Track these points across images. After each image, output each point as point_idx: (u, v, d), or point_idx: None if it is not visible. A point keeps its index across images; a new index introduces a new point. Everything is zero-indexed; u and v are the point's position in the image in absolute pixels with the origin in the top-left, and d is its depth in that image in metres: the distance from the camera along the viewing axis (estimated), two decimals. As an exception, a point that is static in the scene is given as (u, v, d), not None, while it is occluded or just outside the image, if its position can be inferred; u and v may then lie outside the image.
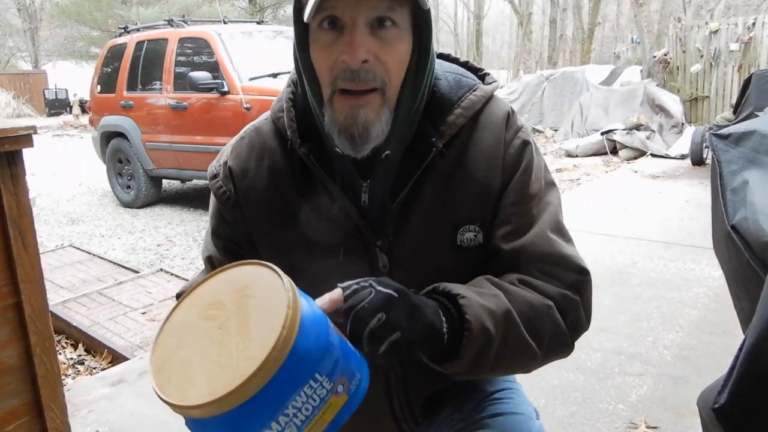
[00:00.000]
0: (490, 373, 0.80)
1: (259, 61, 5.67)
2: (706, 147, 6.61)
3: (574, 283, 0.83)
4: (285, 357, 0.59)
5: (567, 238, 0.87)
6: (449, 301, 0.76)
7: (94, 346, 2.88)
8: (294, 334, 0.60)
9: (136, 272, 3.90)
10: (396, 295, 0.69)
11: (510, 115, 0.90)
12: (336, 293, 0.69)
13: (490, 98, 0.90)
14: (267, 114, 0.95)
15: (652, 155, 7.71)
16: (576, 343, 0.85)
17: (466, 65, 0.96)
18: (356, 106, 0.78)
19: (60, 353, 2.82)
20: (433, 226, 0.86)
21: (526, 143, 0.88)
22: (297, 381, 0.60)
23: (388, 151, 0.82)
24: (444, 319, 0.73)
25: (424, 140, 0.85)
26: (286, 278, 0.64)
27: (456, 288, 0.76)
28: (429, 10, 0.79)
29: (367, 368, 0.67)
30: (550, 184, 0.90)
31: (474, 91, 0.88)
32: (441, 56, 0.96)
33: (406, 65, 0.80)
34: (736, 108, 5.72)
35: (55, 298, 3.39)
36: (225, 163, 0.93)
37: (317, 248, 0.73)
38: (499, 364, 0.78)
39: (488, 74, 0.95)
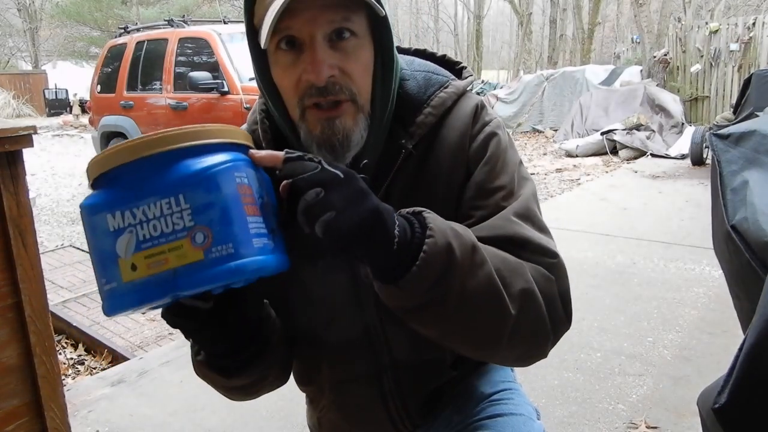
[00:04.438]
0: (452, 319, 0.69)
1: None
2: (706, 147, 6.62)
3: (544, 265, 0.76)
4: (165, 147, 0.58)
5: (538, 226, 0.80)
6: (414, 217, 0.68)
7: (94, 346, 2.88)
8: (193, 140, 0.59)
9: (136, 272, 3.90)
10: (342, 176, 0.62)
11: (478, 110, 0.86)
12: (279, 152, 0.65)
13: (462, 94, 0.87)
14: (244, 126, 0.93)
15: (652, 155, 7.71)
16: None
17: (443, 60, 0.94)
18: (331, 117, 0.75)
19: (60, 353, 2.82)
20: None
21: (492, 135, 0.84)
22: (160, 183, 0.57)
23: (366, 160, 0.80)
24: (398, 223, 0.65)
25: (394, 143, 0.83)
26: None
27: (420, 208, 0.69)
28: (387, 17, 0.76)
29: (254, 263, 0.59)
30: (523, 179, 0.84)
31: (445, 88, 0.85)
32: (416, 52, 0.95)
33: (371, 72, 0.78)
34: (736, 108, 5.73)
35: (55, 298, 3.39)
36: None
37: (296, 259, 0.67)
38: (463, 306, 0.68)
39: (465, 68, 0.92)
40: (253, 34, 0.79)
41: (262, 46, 0.73)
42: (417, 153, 0.84)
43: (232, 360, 0.78)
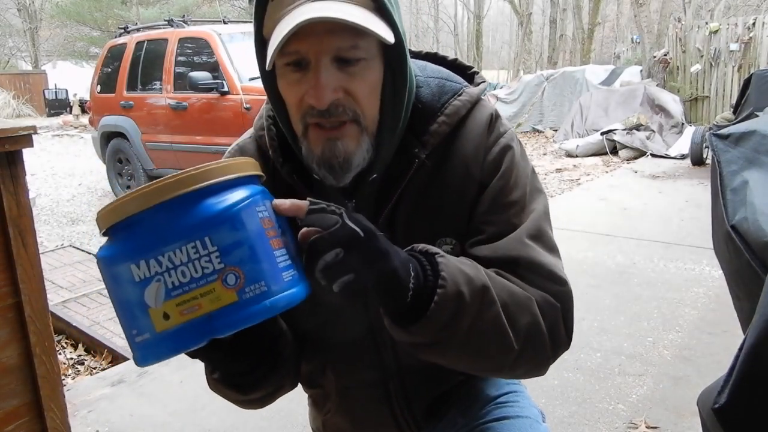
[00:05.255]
0: (457, 354, 0.72)
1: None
2: (706, 147, 6.62)
3: (552, 292, 0.78)
4: (182, 190, 0.56)
5: (549, 247, 0.81)
6: (426, 260, 0.69)
7: (94, 346, 2.88)
8: (208, 180, 0.57)
9: (136, 272, 3.90)
10: (362, 235, 0.62)
11: (492, 120, 0.85)
12: (302, 202, 0.64)
13: (476, 102, 0.86)
14: (251, 131, 0.92)
15: (652, 155, 7.71)
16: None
17: (453, 64, 0.93)
18: (333, 138, 0.74)
19: (60, 353, 2.81)
20: (414, 239, 0.82)
21: (507, 148, 0.84)
22: (182, 227, 0.55)
23: (375, 175, 0.80)
24: (413, 273, 0.66)
25: (406, 152, 0.82)
26: (256, 164, 0.65)
27: (435, 248, 0.71)
28: (400, 37, 0.74)
29: (287, 296, 0.59)
30: (536, 192, 0.85)
31: (459, 95, 0.84)
32: (427, 56, 0.94)
33: (379, 92, 0.76)
34: (736, 108, 5.72)
35: (55, 298, 3.39)
36: None
37: None
38: (469, 344, 0.71)
39: (477, 73, 0.91)
40: (261, 43, 0.77)
41: (267, 67, 0.72)
42: (430, 163, 0.83)
43: (249, 378, 0.77)
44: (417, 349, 0.71)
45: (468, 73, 0.91)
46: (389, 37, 0.71)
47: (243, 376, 0.76)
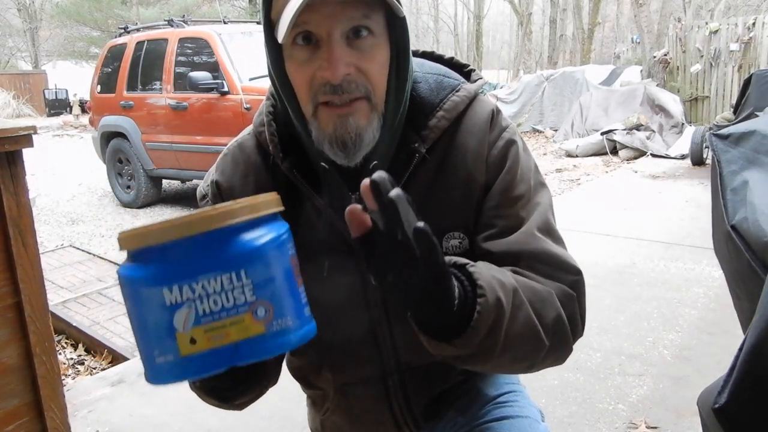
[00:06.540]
0: (496, 361, 0.70)
1: (259, 61, 5.66)
2: (706, 147, 6.62)
3: (567, 282, 0.79)
4: (224, 223, 0.57)
5: (557, 239, 0.83)
6: (458, 271, 0.67)
7: (94, 346, 2.88)
8: (245, 216, 0.59)
9: (136, 272, 3.90)
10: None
11: (494, 115, 0.86)
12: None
13: (474, 98, 0.87)
14: (249, 128, 0.92)
15: (652, 155, 7.71)
16: (575, 344, 0.82)
17: (450, 62, 0.94)
18: (344, 114, 0.74)
19: (60, 353, 2.82)
20: None
21: (510, 143, 0.85)
22: (220, 258, 0.57)
23: (375, 161, 0.80)
24: (456, 283, 0.64)
25: (406, 146, 0.82)
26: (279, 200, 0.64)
27: (462, 259, 0.69)
28: (405, 19, 0.76)
29: (305, 332, 0.62)
30: (540, 185, 0.86)
31: (457, 91, 0.85)
32: (424, 54, 0.94)
33: (387, 71, 0.78)
34: (736, 108, 5.71)
35: (55, 298, 3.39)
36: (213, 181, 0.91)
37: (306, 265, 0.66)
38: (508, 348, 0.69)
39: (473, 70, 0.92)
40: (269, 26, 0.77)
41: (280, 40, 0.72)
42: (433, 159, 0.83)
43: (232, 392, 0.77)
44: (454, 361, 0.69)
45: (465, 71, 0.92)
46: (399, 10, 0.72)
47: (226, 390, 0.76)
